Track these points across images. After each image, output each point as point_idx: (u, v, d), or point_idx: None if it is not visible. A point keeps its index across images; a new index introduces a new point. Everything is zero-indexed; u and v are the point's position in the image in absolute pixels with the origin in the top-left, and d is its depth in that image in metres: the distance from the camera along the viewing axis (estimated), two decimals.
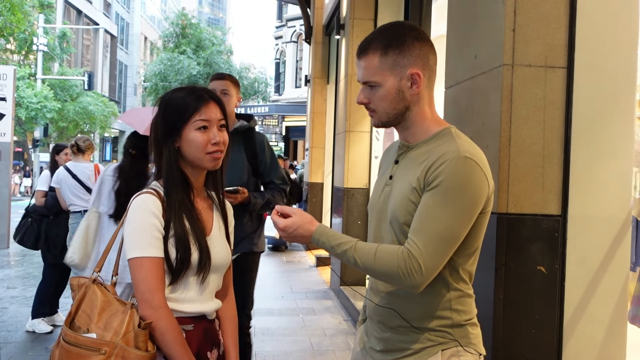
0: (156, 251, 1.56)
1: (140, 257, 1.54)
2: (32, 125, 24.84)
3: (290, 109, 26.69)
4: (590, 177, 2.35)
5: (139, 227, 1.56)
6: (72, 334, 1.53)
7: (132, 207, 1.59)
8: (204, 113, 1.62)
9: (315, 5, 11.02)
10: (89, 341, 1.50)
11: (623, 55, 2.40)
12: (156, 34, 47.17)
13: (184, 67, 29.59)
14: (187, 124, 1.61)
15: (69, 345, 1.52)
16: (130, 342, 1.48)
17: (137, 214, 1.58)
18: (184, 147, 1.63)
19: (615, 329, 2.39)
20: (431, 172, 1.45)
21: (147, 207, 1.58)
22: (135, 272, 1.55)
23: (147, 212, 1.57)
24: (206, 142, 1.62)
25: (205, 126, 1.62)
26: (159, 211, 1.58)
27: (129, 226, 1.58)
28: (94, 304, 1.57)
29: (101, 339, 1.49)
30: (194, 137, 1.61)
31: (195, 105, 1.62)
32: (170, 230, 1.58)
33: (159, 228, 1.57)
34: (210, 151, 1.63)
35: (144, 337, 1.49)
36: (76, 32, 33.56)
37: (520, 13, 2.29)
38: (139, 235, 1.56)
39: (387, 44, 1.52)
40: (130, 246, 1.56)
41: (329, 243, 1.49)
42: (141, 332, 1.49)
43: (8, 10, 18.11)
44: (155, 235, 1.56)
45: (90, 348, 1.48)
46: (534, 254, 2.27)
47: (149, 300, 1.53)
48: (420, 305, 1.53)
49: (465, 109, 2.63)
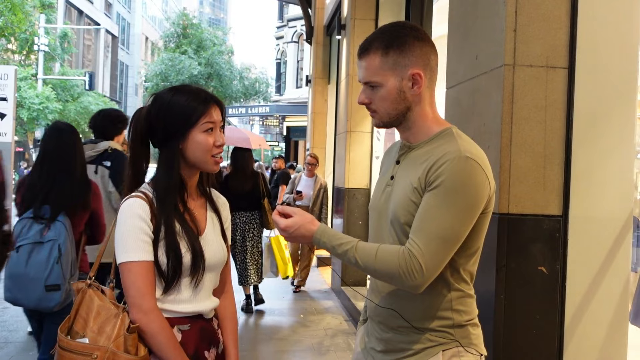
0: (145, 255, 1.55)
1: (129, 261, 1.54)
2: (33, 126, 24.84)
3: (291, 109, 26.67)
4: (591, 177, 2.35)
5: (126, 231, 1.55)
6: (65, 339, 1.55)
7: (120, 212, 1.58)
8: (210, 115, 1.62)
9: (316, 5, 11.02)
10: (80, 346, 1.52)
11: (624, 56, 2.40)
12: (157, 34, 47.20)
13: (185, 67, 29.57)
14: (195, 127, 1.60)
15: (62, 351, 1.54)
16: (120, 346, 1.49)
17: (124, 219, 1.56)
18: (188, 150, 1.62)
19: (616, 330, 2.39)
20: (432, 172, 1.45)
21: (135, 212, 1.56)
22: (125, 276, 1.55)
23: (135, 216, 1.56)
24: (212, 145, 1.62)
25: (211, 128, 1.63)
26: (147, 215, 1.57)
27: (117, 231, 1.57)
28: (90, 308, 1.58)
29: (93, 344, 1.51)
30: (202, 140, 1.61)
31: (203, 108, 1.61)
32: (160, 234, 1.57)
33: (147, 232, 1.56)
34: (214, 154, 1.63)
35: (133, 341, 1.50)
36: (77, 32, 33.58)
37: (521, 13, 2.29)
38: (127, 240, 1.55)
39: (388, 44, 1.52)
40: (118, 251, 1.56)
41: (330, 243, 1.49)
42: (130, 336, 1.50)
43: (9, 10, 18.14)
44: (143, 239, 1.55)
45: (82, 353, 1.50)
46: (535, 255, 2.27)
47: (139, 304, 1.53)
48: (421, 305, 1.53)
49: (467, 109, 2.63)
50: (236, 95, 31.78)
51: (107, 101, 30.57)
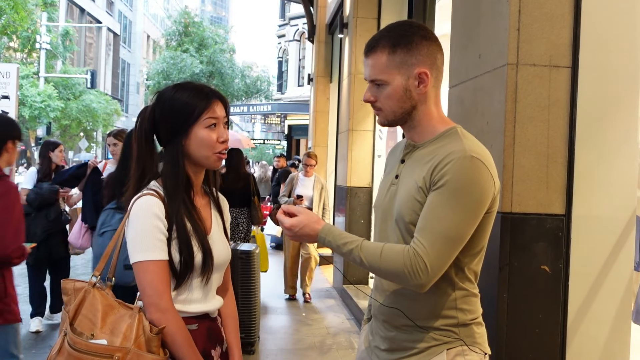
0: (161, 254, 1.54)
1: (146, 260, 1.52)
2: (35, 124, 24.86)
3: (293, 107, 26.66)
4: (594, 176, 2.35)
5: (143, 230, 1.54)
6: (82, 341, 1.48)
7: (134, 210, 1.56)
8: (212, 111, 1.61)
9: (318, 3, 11.01)
10: (101, 348, 1.46)
11: (627, 55, 2.39)
12: (159, 32, 47.18)
13: (187, 66, 29.55)
14: (197, 122, 1.59)
15: (78, 353, 1.47)
16: (143, 347, 1.46)
17: (140, 217, 1.55)
18: (191, 146, 1.60)
19: (619, 329, 2.39)
20: (437, 172, 1.45)
21: (152, 210, 1.55)
22: (141, 276, 1.53)
23: (152, 215, 1.54)
24: (215, 141, 1.61)
25: (214, 124, 1.61)
26: (163, 213, 1.56)
27: (132, 229, 1.55)
28: (95, 308, 1.54)
29: (111, 345, 1.46)
30: (205, 135, 1.59)
31: (205, 104, 1.60)
32: (174, 232, 1.56)
33: (162, 230, 1.55)
34: (217, 150, 1.62)
35: (157, 342, 1.48)
36: (79, 31, 33.58)
37: (524, 12, 2.29)
38: (143, 239, 1.53)
39: (395, 42, 1.52)
40: (134, 250, 1.54)
41: (335, 242, 1.49)
42: (155, 337, 1.47)
43: (11, 8, 18.14)
44: (160, 237, 1.54)
45: (102, 355, 1.45)
46: (538, 254, 2.27)
47: (157, 303, 1.51)
48: (425, 304, 1.53)
49: (469, 108, 2.63)
50: (238, 94, 31.76)
51: (108, 99, 30.61)
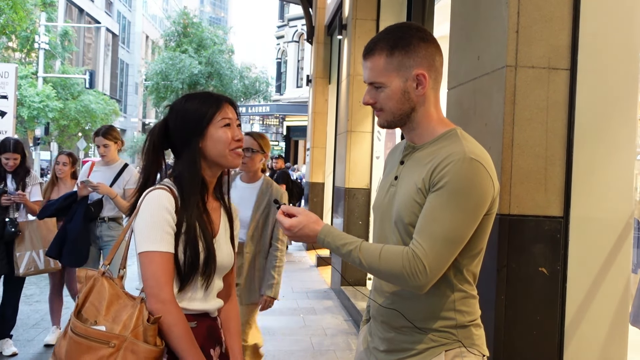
0: (167, 246, 1.58)
1: (152, 251, 1.56)
2: (34, 124, 24.83)
3: (292, 108, 26.69)
4: (592, 178, 2.36)
5: (152, 221, 1.58)
6: (81, 325, 1.53)
7: (145, 202, 1.62)
8: (225, 112, 1.70)
9: (317, 5, 11.02)
10: (98, 334, 1.50)
11: (626, 57, 2.40)
12: (158, 32, 47.18)
13: (186, 66, 29.54)
14: (211, 123, 1.68)
15: (78, 337, 1.52)
16: (140, 336, 1.49)
17: (150, 209, 1.60)
18: (208, 146, 1.68)
19: (616, 331, 2.39)
20: (437, 173, 1.45)
21: (162, 203, 1.60)
22: (146, 266, 1.57)
23: (161, 208, 1.60)
24: (230, 138, 1.68)
25: (228, 123, 1.69)
26: (172, 208, 1.61)
27: (141, 220, 1.60)
28: (102, 296, 1.58)
29: (110, 332, 1.51)
30: (221, 134, 1.68)
31: (216, 107, 1.70)
32: (182, 228, 1.61)
33: (171, 224, 1.60)
34: (233, 148, 1.69)
35: (153, 332, 1.51)
36: (78, 31, 33.57)
37: (523, 14, 2.29)
38: (151, 230, 1.58)
39: (393, 44, 1.52)
40: (141, 240, 1.58)
41: (334, 243, 1.50)
42: (150, 327, 1.50)
43: (10, 8, 18.12)
44: (168, 230, 1.59)
45: (99, 340, 1.49)
46: (536, 255, 2.28)
47: (157, 294, 1.55)
48: (424, 306, 1.53)
49: (468, 110, 2.64)
50: (236, 95, 31.74)
51: (107, 99, 30.57)
